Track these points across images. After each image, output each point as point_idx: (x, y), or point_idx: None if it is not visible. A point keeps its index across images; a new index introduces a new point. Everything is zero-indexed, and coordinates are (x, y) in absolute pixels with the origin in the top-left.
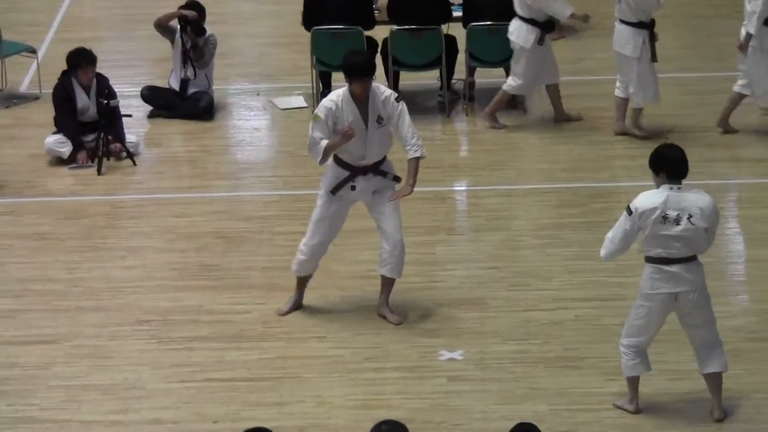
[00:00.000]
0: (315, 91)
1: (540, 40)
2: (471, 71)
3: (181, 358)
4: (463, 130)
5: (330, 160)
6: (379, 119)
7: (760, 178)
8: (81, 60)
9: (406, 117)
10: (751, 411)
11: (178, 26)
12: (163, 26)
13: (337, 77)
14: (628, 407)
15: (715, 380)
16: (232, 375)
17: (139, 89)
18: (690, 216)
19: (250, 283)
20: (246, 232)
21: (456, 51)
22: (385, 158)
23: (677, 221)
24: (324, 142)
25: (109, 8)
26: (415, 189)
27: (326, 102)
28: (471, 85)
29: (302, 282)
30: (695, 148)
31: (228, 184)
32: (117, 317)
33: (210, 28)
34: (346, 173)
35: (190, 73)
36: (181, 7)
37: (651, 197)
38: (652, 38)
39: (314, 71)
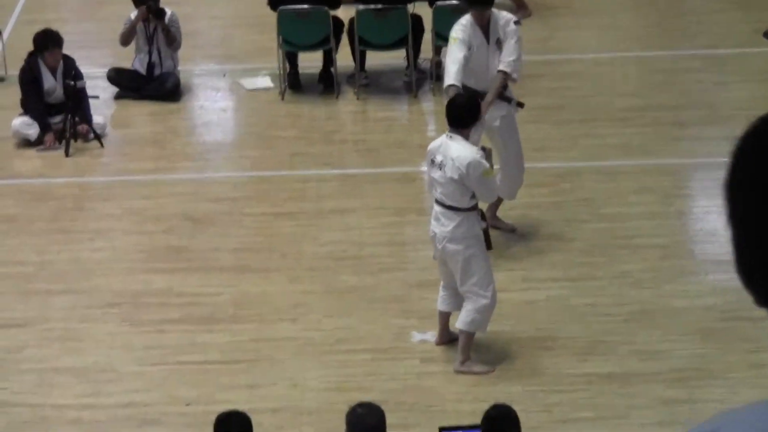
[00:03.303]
0: (281, 71)
1: None
2: (437, 50)
3: (153, 340)
4: (430, 110)
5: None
6: (498, 42)
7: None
8: (48, 41)
9: (515, 39)
10: (724, 391)
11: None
12: (130, 39)
13: (304, 57)
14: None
15: (459, 335)
16: (205, 357)
17: (105, 70)
18: (445, 164)
19: (220, 264)
20: (214, 214)
21: (422, 30)
22: (507, 84)
23: (440, 166)
24: (457, 67)
25: None
26: (382, 170)
27: (458, 25)
28: (438, 64)
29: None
30: (664, 126)
31: (196, 165)
32: (87, 300)
33: (172, 9)
34: None
35: (156, 57)
36: (135, 3)
37: (436, 140)
38: None
39: (280, 51)
